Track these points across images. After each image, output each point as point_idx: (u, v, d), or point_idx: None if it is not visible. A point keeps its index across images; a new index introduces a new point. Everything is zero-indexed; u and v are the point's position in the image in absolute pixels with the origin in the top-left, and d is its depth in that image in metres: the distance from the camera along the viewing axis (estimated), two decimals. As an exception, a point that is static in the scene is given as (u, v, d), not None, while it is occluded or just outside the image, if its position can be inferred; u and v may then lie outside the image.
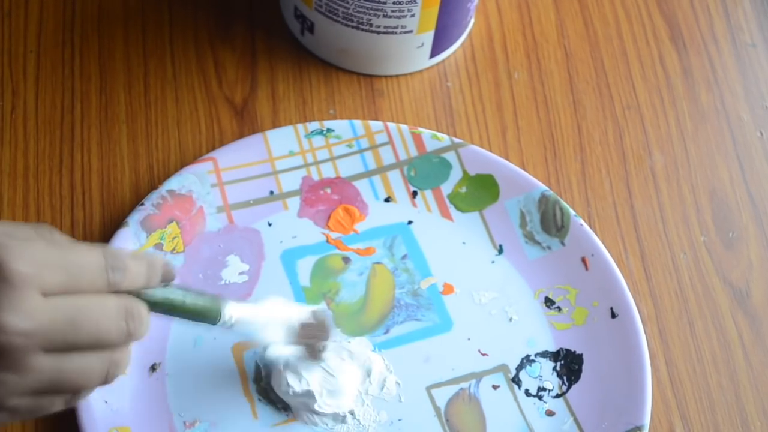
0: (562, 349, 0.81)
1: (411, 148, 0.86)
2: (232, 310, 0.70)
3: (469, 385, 0.79)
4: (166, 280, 0.66)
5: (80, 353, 0.59)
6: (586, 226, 0.83)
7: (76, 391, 0.61)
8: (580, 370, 0.80)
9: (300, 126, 0.86)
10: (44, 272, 0.58)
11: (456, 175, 0.85)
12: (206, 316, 0.69)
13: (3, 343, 0.56)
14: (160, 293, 0.65)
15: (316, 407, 0.76)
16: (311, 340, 0.76)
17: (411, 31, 0.87)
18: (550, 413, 0.79)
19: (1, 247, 0.57)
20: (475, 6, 0.90)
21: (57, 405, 0.61)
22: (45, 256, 0.58)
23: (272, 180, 0.85)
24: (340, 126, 0.86)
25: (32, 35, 0.90)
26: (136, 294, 0.63)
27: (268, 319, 0.74)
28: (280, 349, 0.75)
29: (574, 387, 0.79)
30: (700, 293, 0.84)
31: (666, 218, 0.87)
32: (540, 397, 0.79)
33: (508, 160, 0.87)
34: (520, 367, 0.80)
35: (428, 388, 0.79)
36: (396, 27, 0.86)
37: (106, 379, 0.61)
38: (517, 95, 0.91)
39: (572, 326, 0.81)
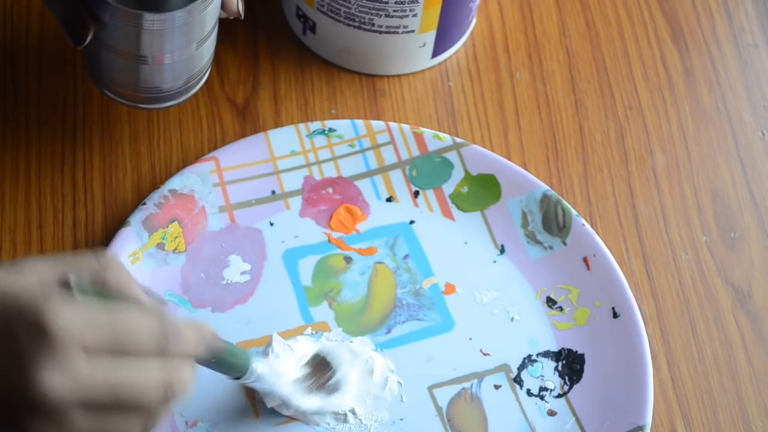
0: (563, 348, 0.81)
1: (413, 147, 0.86)
2: (259, 367, 0.72)
3: (471, 385, 0.79)
4: (214, 347, 0.65)
5: (119, 413, 0.58)
6: (588, 226, 0.83)
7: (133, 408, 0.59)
8: (581, 370, 0.80)
9: (302, 126, 0.86)
10: (89, 332, 0.56)
11: (458, 174, 0.85)
12: (237, 371, 0.70)
13: (42, 402, 0.55)
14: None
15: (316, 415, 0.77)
16: (322, 380, 0.76)
17: (413, 31, 0.87)
18: (551, 413, 0.79)
19: (45, 303, 0.56)
20: (477, 6, 0.90)
21: None
22: (92, 315, 0.57)
23: (274, 180, 0.85)
24: (342, 126, 0.86)
25: (34, 33, 0.90)
26: None
27: (284, 376, 0.75)
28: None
29: (576, 387, 0.79)
30: (701, 293, 0.84)
31: (668, 218, 0.87)
32: (542, 397, 0.79)
33: (509, 160, 0.87)
34: (521, 367, 0.80)
35: (430, 388, 0.79)
36: (398, 27, 0.86)
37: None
38: (518, 95, 0.91)
39: (574, 326, 0.81)
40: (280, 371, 0.75)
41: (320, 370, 0.77)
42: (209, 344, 0.63)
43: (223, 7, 0.78)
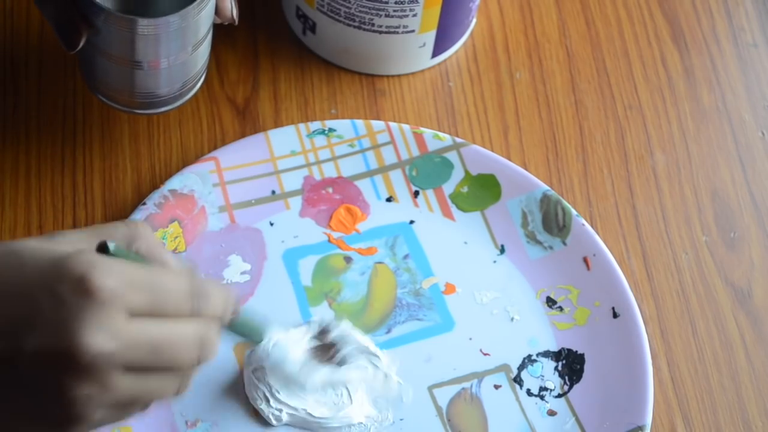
0: (563, 348, 0.81)
1: (413, 147, 0.86)
2: (274, 334, 0.73)
3: (471, 385, 0.79)
4: (236, 310, 0.66)
5: (156, 373, 0.59)
6: (588, 226, 0.83)
7: (149, 403, 0.61)
8: (581, 370, 0.80)
9: (302, 125, 0.86)
10: (131, 292, 0.57)
11: (458, 174, 0.85)
12: (255, 336, 0.72)
13: (88, 362, 0.56)
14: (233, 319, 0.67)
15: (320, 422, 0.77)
16: (331, 352, 0.77)
17: (413, 31, 0.87)
18: (551, 413, 0.79)
19: (90, 264, 0.57)
20: (477, 6, 0.90)
21: (131, 415, 0.61)
22: (133, 275, 0.58)
23: (274, 179, 0.85)
24: (342, 125, 0.86)
25: (34, 34, 0.90)
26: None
27: (294, 347, 0.76)
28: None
29: (576, 387, 0.79)
30: (701, 293, 0.84)
31: (668, 218, 0.87)
32: (542, 397, 0.79)
33: (509, 160, 0.87)
34: (521, 367, 0.80)
35: (430, 388, 0.79)
36: (398, 27, 0.87)
37: (176, 395, 0.62)
38: (518, 95, 0.91)
39: (574, 326, 0.81)
40: (292, 342, 0.76)
41: (327, 347, 0.77)
42: (235, 306, 0.65)
43: (217, 12, 0.78)
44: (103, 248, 0.60)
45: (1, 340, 0.57)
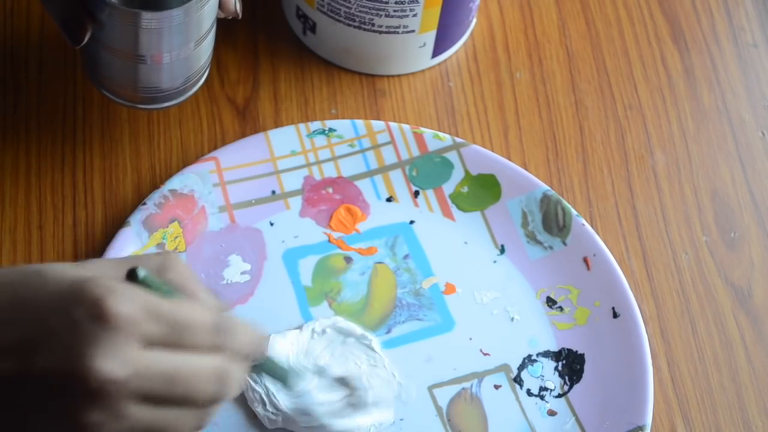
0: (563, 348, 0.81)
1: (413, 147, 0.86)
2: (306, 384, 0.73)
3: (471, 385, 0.79)
4: (263, 356, 0.65)
5: (172, 407, 0.58)
6: (588, 226, 0.83)
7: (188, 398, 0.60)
8: (581, 370, 0.80)
9: (302, 125, 0.86)
10: (147, 321, 0.57)
11: (458, 174, 0.85)
12: (282, 381, 0.70)
13: (97, 388, 0.55)
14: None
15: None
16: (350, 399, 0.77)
17: (413, 31, 0.87)
18: (551, 413, 0.79)
19: (108, 289, 0.56)
20: (477, 6, 0.90)
21: None
22: (151, 304, 0.57)
23: (274, 179, 0.85)
24: (342, 125, 0.86)
25: (34, 33, 0.90)
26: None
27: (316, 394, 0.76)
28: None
29: (576, 387, 0.79)
30: (701, 293, 0.84)
31: (668, 218, 0.87)
32: (542, 397, 0.79)
33: (510, 159, 0.87)
34: (521, 367, 0.80)
35: (430, 388, 0.79)
36: (398, 27, 0.86)
37: (194, 430, 0.60)
38: (519, 95, 0.91)
39: (574, 326, 0.81)
40: (314, 389, 0.76)
41: (345, 387, 0.77)
42: (263, 347, 0.63)
43: (220, 6, 0.78)
44: (132, 275, 0.59)
45: (13, 357, 0.56)
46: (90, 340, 0.55)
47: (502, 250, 0.84)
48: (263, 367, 0.67)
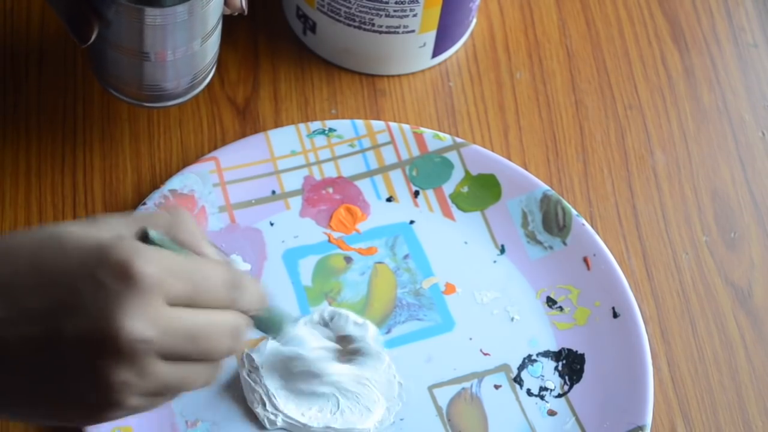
0: (563, 348, 0.81)
1: (413, 147, 0.86)
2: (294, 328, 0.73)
3: (471, 385, 0.79)
4: (265, 305, 0.67)
5: (191, 363, 0.60)
6: (588, 226, 0.83)
7: (180, 393, 0.61)
8: (581, 370, 0.80)
9: (302, 125, 0.86)
10: (171, 281, 0.58)
11: (458, 174, 0.85)
12: (278, 330, 0.71)
13: (127, 348, 0.57)
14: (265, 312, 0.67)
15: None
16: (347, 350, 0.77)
17: (413, 31, 0.87)
18: (551, 413, 0.79)
19: (133, 251, 0.57)
20: (477, 6, 0.90)
21: (162, 403, 0.61)
22: (173, 263, 0.59)
23: (274, 179, 0.85)
24: (342, 125, 0.86)
25: (34, 33, 0.90)
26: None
27: (311, 340, 0.77)
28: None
29: (576, 387, 0.79)
30: (701, 293, 0.84)
31: (668, 218, 0.87)
32: (542, 397, 0.79)
33: (510, 159, 0.87)
34: (521, 367, 0.80)
35: (430, 388, 0.79)
36: (398, 27, 0.86)
37: (206, 385, 0.62)
38: (519, 95, 0.91)
39: (574, 326, 0.81)
40: (309, 335, 0.77)
41: (344, 341, 0.77)
42: (266, 301, 0.65)
43: (226, 3, 0.78)
44: (143, 236, 0.60)
45: (43, 323, 0.57)
46: (119, 301, 0.57)
47: (502, 250, 0.84)
48: (262, 318, 0.68)
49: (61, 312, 0.57)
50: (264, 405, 0.76)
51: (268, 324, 0.69)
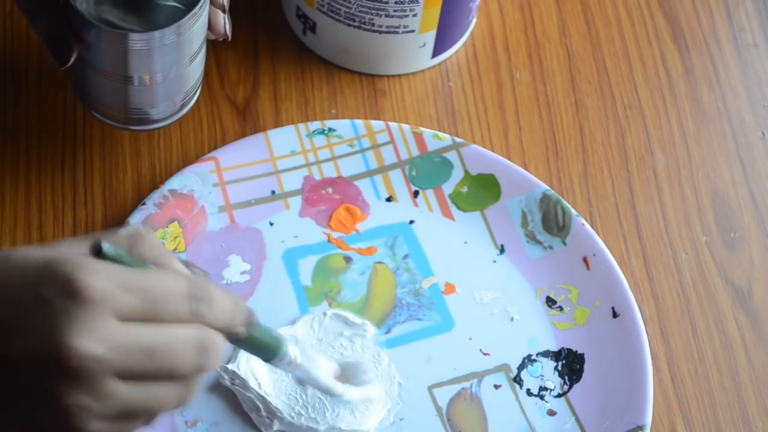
0: (563, 348, 0.81)
1: (412, 147, 0.86)
2: (291, 350, 0.70)
3: (471, 385, 0.79)
4: (249, 323, 0.63)
5: (155, 382, 0.57)
6: (588, 226, 0.83)
7: (151, 415, 0.59)
8: (581, 370, 0.80)
9: (302, 125, 0.86)
10: (121, 295, 0.55)
11: (457, 174, 0.85)
12: (269, 352, 0.68)
13: (77, 368, 0.54)
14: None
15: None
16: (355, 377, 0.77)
17: (413, 31, 0.87)
18: (551, 413, 0.79)
19: (75, 265, 0.55)
20: (477, 6, 0.90)
21: (136, 427, 0.59)
22: (125, 276, 0.56)
23: (274, 179, 0.85)
24: (342, 125, 0.86)
25: (34, 34, 0.90)
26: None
27: (318, 365, 0.74)
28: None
29: (576, 386, 0.79)
30: (701, 293, 0.84)
31: (668, 218, 0.87)
32: (542, 397, 0.79)
33: (510, 159, 0.87)
34: (521, 367, 0.80)
35: (430, 388, 0.79)
36: (398, 27, 0.86)
37: (179, 405, 0.59)
38: (519, 95, 0.91)
39: (574, 326, 0.81)
40: (313, 359, 0.74)
41: (351, 368, 0.77)
42: (245, 317, 0.62)
43: (210, 28, 0.78)
44: (96, 250, 0.57)
45: None
46: (65, 318, 0.54)
47: (502, 250, 0.84)
48: (251, 337, 0.65)
49: (5, 332, 0.55)
50: (258, 410, 0.76)
51: (257, 345, 0.66)
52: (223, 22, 0.78)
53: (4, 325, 0.55)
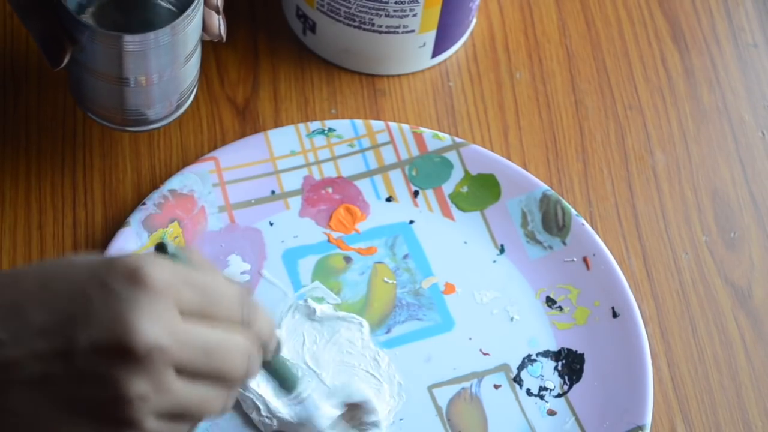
0: (563, 348, 0.81)
1: (412, 147, 0.86)
2: (306, 389, 0.72)
3: (471, 385, 0.79)
4: (277, 351, 0.65)
5: (207, 382, 0.58)
6: (588, 226, 0.83)
7: (199, 419, 0.59)
8: (581, 370, 0.80)
9: (301, 125, 0.86)
10: (184, 287, 0.57)
11: (457, 174, 0.85)
12: (288, 383, 0.69)
13: (143, 354, 0.55)
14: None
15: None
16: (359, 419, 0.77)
17: (413, 31, 0.87)
18: (551, 413, 0.79)
19: (141, 257, 0.56)
20: (477, 6, 0.90)
21: (182, 431, 0.59)
22: (186, 272, 0.57)
23: (274, 179, 0.85)
24: (342, 125, 0.86)
25: (34, 35, 0.90)
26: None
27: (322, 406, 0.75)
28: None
29: (576, 386, 0.79)
30: (701, 293, 0.84)
31: (668, 218, 0.87)
32: (541, 397, 0.79)
33: (509, 159, 0.87)
34: (521, 367, 0.80)
35: (430, 388, 0.79)
36: (398, 26, 0.86)
37: (222, 411, 0.60)
38: (518, 95, 0.91)
39: (574, 326, 0.81)
40: (319, 399, 0.76)
41: (355, 408, 0.77)
42: (278, 340, 0.64)
43: (204, 29, 0.78)
44: (160, 248, 0.59)
45: (57, 337, 0.55)
46: (132, 306, 0.55)
47: (502, 250, 0.84)
48: (275, 365, 0.67)
49: (72, 323, 0.56)
50: (258, 410, 0.76)
51: (282, 374, 0.68)
52: (218, 23, 0.78)
53: (72, 317, 0.56)
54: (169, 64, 0.76)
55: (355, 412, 0.77)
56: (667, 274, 0.85)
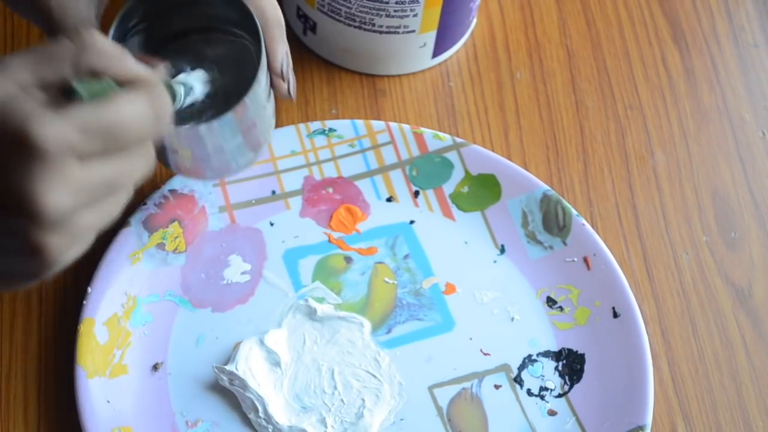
0: (564, 348, 0.81)
1: (413, 147, 0.86)
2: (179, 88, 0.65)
3: (471, 385, 0.79)
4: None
5: (119, 155, 0.55)
6: (588, 226, 0.83)
7: (126, 187, 0.57)
8: (582, 370, 0.80)
9: (302, 125, 0.86)
10: (80, 139, 0.53)
11: (458, 174, 0.85)
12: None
13: (47, 219, 0.53)
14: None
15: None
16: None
17: (413, 31, 0.87)
18: (552, 413, 0.79)
19: (30, 116, 0.53)
20: (477, 6, 0.90)
21: (117, 203, 0.57)
22: (80, 119, 0.53)
23: (274, 179, 0.85)
24: (342, 126, 0.86)
25: (35, 34, 0.90)
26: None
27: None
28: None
29: (576, 387, 0.79)
30: (702, 293, 0.84)
31: (668, 218, 0.87)
32: (542, 397, 0.79)
33: (510, 159, 0.87)
34: (522, 367, 0.80)
35: (430, 388, 0.79)
36: (398, 27, 0.87)
37: (146, 172, 0.57)
38: (519, 95, 0.91)
39: (574, 326, 0.81)
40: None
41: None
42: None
43: (273, 87, 0.73)
44: (70, 93, 0.55)
45: None
46: (25, 173, 0.53)
47: (503, 250, 0.84)
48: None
49: None
50: (257, 411, 0.76)
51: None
52: (287, 87, 0.73)
53: None
54: (244, 132, 0.72)
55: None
56: (668, 273, 0.85)
